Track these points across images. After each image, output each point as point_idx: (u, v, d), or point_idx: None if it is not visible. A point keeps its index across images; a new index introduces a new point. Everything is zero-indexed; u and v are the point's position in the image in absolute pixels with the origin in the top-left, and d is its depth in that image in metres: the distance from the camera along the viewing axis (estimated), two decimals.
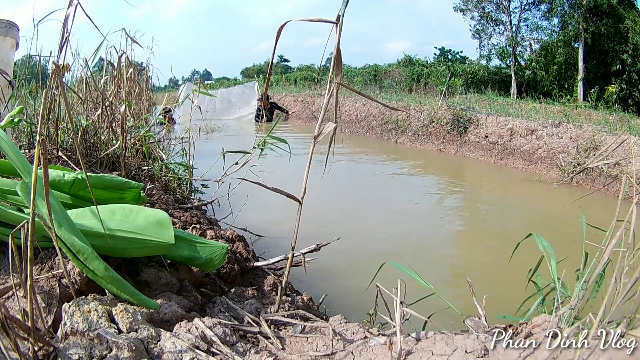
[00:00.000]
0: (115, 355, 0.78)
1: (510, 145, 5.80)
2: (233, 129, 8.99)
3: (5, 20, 1.97)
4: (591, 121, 6.06)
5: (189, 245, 1.23)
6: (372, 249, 2.56)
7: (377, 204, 3.69)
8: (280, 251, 1.74)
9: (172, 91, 11.42)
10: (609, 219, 0.92)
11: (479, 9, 15.34)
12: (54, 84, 1.77)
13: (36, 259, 1.05)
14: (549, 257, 1.13)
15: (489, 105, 8.05)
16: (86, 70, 2.74)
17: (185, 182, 2.66)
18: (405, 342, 0.86)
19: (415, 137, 7.23)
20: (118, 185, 1.36)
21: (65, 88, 2.30)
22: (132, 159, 2.51)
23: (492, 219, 3.49)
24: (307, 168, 0.99)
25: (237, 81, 23.09)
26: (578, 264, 1.05)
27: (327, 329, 0.97)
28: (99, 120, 2.34)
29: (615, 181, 4.19)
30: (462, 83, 11.73)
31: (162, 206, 1.92)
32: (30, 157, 1.77)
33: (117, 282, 0.95)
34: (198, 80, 3.50)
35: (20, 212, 1.08)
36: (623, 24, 12.94)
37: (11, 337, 0.71)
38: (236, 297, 1.28)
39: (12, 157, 1.06)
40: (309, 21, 0.87)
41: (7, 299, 0.94)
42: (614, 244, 0.76)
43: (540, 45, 15.13)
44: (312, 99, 11.46)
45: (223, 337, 0.90)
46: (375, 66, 18.30)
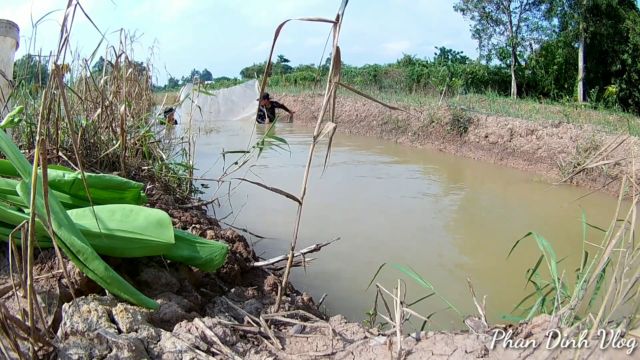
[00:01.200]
0: (115, 355, 0.78)
1: (510, 145, 5.80)
2: (233, 130, 8.98)
3: (5, 20, 1.97)
4: (591, 121, 6.06)
5: (189, 245, 1.23)
6: (372, 249, 2.56)
7: (377, 203, 3.69)
8: (280, 251, 1.74)
9: (172, 91, 11.36)
10: (609, 219, 0.92)
11: (479, 9, 15.36)
12: (54, 84, 1.77)
13: (36, 259, 1.05)
14: (548, 257, 1.13)
15: (489, 105, 8.05)
16: (86, 70, 2.74)
17: (185, 182, 2.66)
18: (405, 342, 0.86)
19: (415, 137, 7.23)
20: (118, 185, 1.35)
21: (65, 88, 2.30)
22: (132, 159, 2.51)
23: (492, 219, 3.49)
24: (307, 168, 0.99)
25: (237, 81, 22.90)
26: (578, 264, 1.05)
27: (327, 329, 0.97)
28: (98, 120, 2.34)
29: (615, 181, 4.19)
30: (462, 83, 11.72)
31: (162, 206, 1.92)
32: (30, 157, 1.77)
33: (117, 282, 0.95)
34: (198, 80, 3.50)
35: (20, 212, 1.08)
36: (623, 24, 12.96)
37: (11, 337, 0.71)
38: (236, 297, 1.28)
39: (12, 157, 1.06)
40: (308, 20, 0.87)
41: (7, 299, 0.94)
42: (614, 244, 0.76)
43: (540, 45, 15.16)
44: (312, 99, 11.45)
45: (223, 337, 0.90)
46: (375, 66, 18.32)
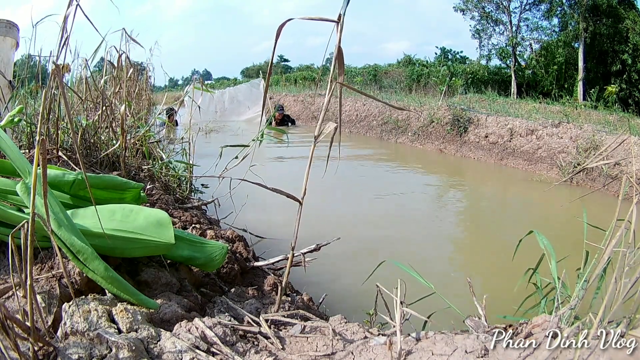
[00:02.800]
0: (115, 355, 0.78)
1: (510, 145, 5.80)
2: (233, 130, 8.94)
3: (5, 20, 1.97)
4: (591, 121, 6.05)
5: (189, 245, 1.23)
6: (371, 249, 2.56)
7: (377, 203, 3.69)
8: (280, 251, 1.74)
9: (172, 91, 11.27)
10: (609, 218, 0.92)
11: (479, 9, 15.36)
12: (54, 83, 1.77)
13: (36, 259, 1.05)
14: (549, 257, 1.13)
15: (489, 105, 8.05)
16: (86, 70, 2.74)
17: (185, 182, 2.65)
18: (405, 342, 0.86)
19: (415, 137, 7.23)
20: (118, 185, 1.35)
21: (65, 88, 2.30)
22: (132, 159, 2.51)
23: (492, 219, 3.49)
24: (308, 168, 0.99)
25: (237, 81, 22.73)
26: (578, 264, 1.04)
27: (327, 329, 0.97)
28: (99, 120, 2.34)
29: (615, 181, 4.19)
30: (462, 83, 11.71)
31: (162, 206, 1.92)
32: (30, 157, 1.77)
33: (117, 282, 0.95)
34: (198, 79, 3.50)
35: (20, 212, 1.08)
36: (623, 24, 12.95)
37: (11, 337, 0.71)
38: (236, 297, 1.28)
39: (12, 157, 1.06)
40: (310, 20, 0.87)
41: (7, 299, 0.94)
42: (614, 244, 0.76)
43: (540, 45, 15.15)
44: (312, 99, 11.44)
45: (223, 337, 0.90)
46: (375, 66, 18.31)
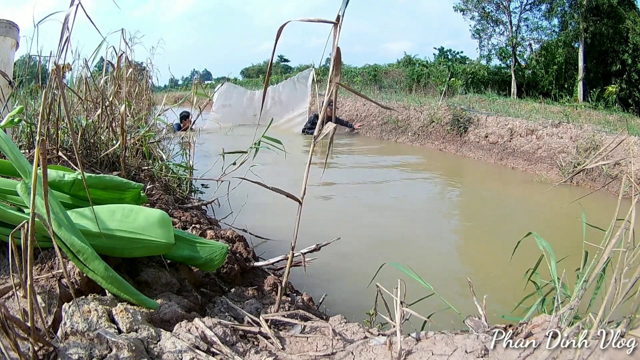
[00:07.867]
0: (115, 355, 0.78)
1: (510, 145, 5.80)
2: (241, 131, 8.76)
3: (5, 20, 1.97)
4: (591, 121, 6.06)
5: (189, 245, 1.23)
6: (371, 249, 2.56)
7: (376, 203, 3.68)
8: (280, 251, 1.74)
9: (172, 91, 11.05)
10: (609, 218, 0.92)
11: (479, 9, 15.38)
12: (54, 84, 1.77)
13: (36, 259, 1.05)
14: (548, 257, 1.13)
15: (489, 105, 8.05)
16: (86, 70, 2.74)
17: (185, 182, 2.66)
18: (405, 342, 0.86)
19: (415, 137, 7.23)
20: (118, 185, 1.35)
21: (65, 88, 2.30)
22: (132, 159, 2.51)
23: (492, 219, 3.49)
24: (307, 168, 0.99)
25: (236, 81, 22.17)
26: (578, 264, 1.05)
27: (327, 329, 0.97)
28: (99, 120, 2.34)
29: (615, 181, 4.19)
30: (462, 83, 11.72)
31: (162, 206, 1.92)
32: (30, 157, 1.77)
33: (117, 282, 0.95)
34: (197, 80, 3.49)
35: (20, 212, 1.08)
36: (623, 24, 12.97)
37: (11, 337, 0.71)
38: (236, 297, 1.28)
39: (12, 157, 1.06)
40: (308, 21, 0.87)
41: (7, 299, 0.94)
42: (613, 244, 0.76)
43: (540, 45, 15.18)
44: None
45: (223, 337, 0.90)
46: (375, 66, 18.30)
